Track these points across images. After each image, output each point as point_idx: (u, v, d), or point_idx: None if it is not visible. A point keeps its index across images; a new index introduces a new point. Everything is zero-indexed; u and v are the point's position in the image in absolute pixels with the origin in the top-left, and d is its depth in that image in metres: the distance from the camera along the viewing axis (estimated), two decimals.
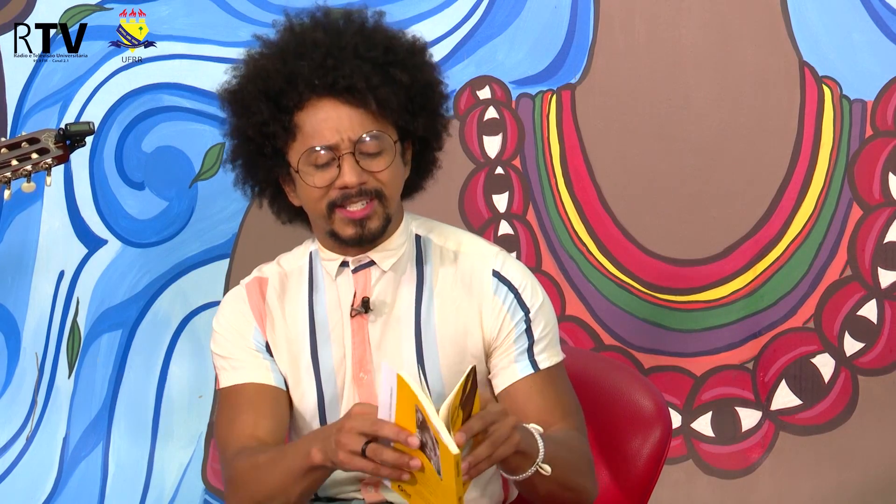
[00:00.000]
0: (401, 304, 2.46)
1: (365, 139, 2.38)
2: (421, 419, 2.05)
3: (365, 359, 2.45)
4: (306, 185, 2.39)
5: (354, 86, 2.37)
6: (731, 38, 3.46)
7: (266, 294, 2.50)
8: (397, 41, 2.45)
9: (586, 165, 3.51)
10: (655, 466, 2.61)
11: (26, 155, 2.66)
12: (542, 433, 2.29)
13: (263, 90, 2.39)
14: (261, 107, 2.39)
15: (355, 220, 2.39)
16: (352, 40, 2.41)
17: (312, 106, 2.38)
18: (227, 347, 2.49)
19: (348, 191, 2.37)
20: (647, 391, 2.66)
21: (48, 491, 3.55)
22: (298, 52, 2.40)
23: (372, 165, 2.38)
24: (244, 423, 2.42)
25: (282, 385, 2.47)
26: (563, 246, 3.52)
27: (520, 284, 2.46)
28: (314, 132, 2.38)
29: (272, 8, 3.49)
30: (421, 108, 2.43)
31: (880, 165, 3.46)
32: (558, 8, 3.49)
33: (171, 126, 3.53)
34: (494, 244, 2.52)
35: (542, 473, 2.26)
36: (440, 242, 2.50)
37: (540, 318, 2.46)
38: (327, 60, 2.37)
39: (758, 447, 3.50)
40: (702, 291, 3.51)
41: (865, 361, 3.48)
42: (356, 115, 2.38)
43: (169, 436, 3.56)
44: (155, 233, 3.54)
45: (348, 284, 2.46)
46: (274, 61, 2.41)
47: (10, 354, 3.53)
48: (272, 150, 2.41)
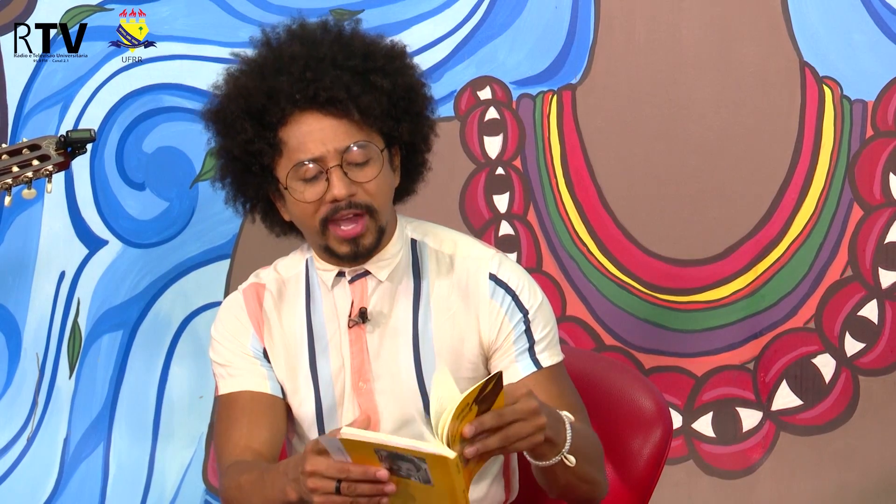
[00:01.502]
0: (398, 313, 2.45)
1: (352, 149, 2.36)
2: (385, 454, 2.04)
3: (364, 368, 2.44)
4: (296, 202, 2.38)
5: (335, 97, 2.35)
6: (731, 38, 3.46)
7: (263, 300, 2.49)
8: (375, 47, 2.44)
9: (587, 166, 3.51)
10: (656, 467, 2.61)
11: (27, 161, 2.66)
12: (572, 422, 2.27)
13: (245, 109, 2.38)
14: (244, 125, 2.38)
15: (348, 239, 2.38)
16: (329, 51, 2.39)
17: (295, 121, 2.37)
18: (225, 355, 2.49)
19: (338, 204, 2.36)
20: (647, 392, 2.66)
21: (49, 491, 3.55)
22: (277, 68, 2.38)
23: (360, 176, 2.37)
24: (239, 433, 2.42)
25: (278, 393, 2.46)
26: (564, 246, 3.52)
27: (517, 286, 2.45)
28: (299, 146, 2.36)
29: (272, 8, 3.49)
30: (405, 112, 2.42)
31: (881, 166, 3.46)
32: (559, 8, 3.49)
33: (172, 127, 3.53)
34: (490, 246, 2.51)
35: (565, 463, 2.25)
36: (435, 246, 2.49)
37: (539, 319, 2.45)
38: (306, 73, 2.36)
39: (758, 447, 3.50)
40: (702, 292, 3.50)
41: (866, 362, 3.48)
42: (340, 126, 2.37)
43: (170, 436, 3.55)
44: (156, 233, 3.54)
45: (345, 294, 2.45)
46: (253, 78, 2.39)
47: (10, 355, 3.53)
48: (259, 168, 2.40)
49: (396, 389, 2.44)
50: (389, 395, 2.44)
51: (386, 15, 3.46)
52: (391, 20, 3.44)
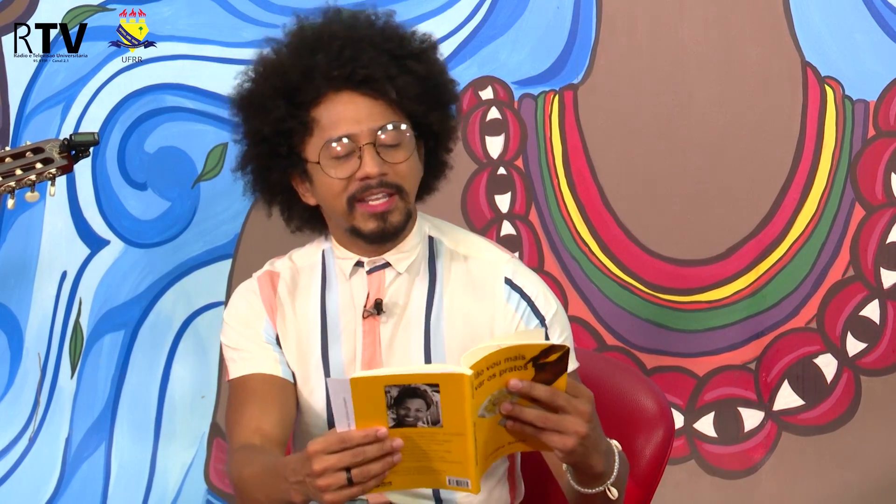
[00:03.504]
0: (412, 307, 2.45)
1: (387, 128, 2.37)
2: (396, 392, 2.00)
3: (375, 359, 2.44)
4: (327, 178, 2.38)
5: (373, 76, 2.36)
6: (733, 38, 3.46)
7: (277, 288, 2.49)
8: (411, 35, 2.46)
9: (588, 166, 3.51)
10: (658, 467, 2.60)
11: (30, 165, 2.66)
12: (620, 452, 2.24)
13: (279, 87, 2.38)
14: (277, 103, 2.38)
15: (377, 214, 2.38)
16: (367, 32, 2.41)
17: (329, 100, 2.38)
18: (237, 339, 2.48)
19: (369, 181, 2.36)
20: (649, 392, 2.65)
21: (51, 491, 3.55)
22: (313, 47, 2.39)
23: (391, 157, 2.37)
24: (250, 415, 2.41)
25: (289, 377, 2.46)
26: (566, 246, 3.52)
27: (533, 293, 2.45)
28: (332, 124, 2.37)
29: (274, 8, 3.49)
30: (436, 101, 2.43)
31: (883, 166, 3.46)
32: (561, 8, 3.49)
33: (174, 126, 3.53)
34: (505, 250, 2.51)
35: (607, 495, 2.21)
36: (451, 246, 2.49)
37: (556, 326, 2.45)
38: (344, 52, 2.37)
39: (760, 447, 3.50)
40: (704, 292, 3.51)
41: (868, 362, 3.48)
42: (375, 106, 2.37)
43: (171, 436, 3.55)
44: (157, 233, 3.54)
45: (362, 285, 2.46)
46: (289, 57, 2.40)
47: (12, 355, 3.53)
48: (287, 150, 2.40)
49: None
50: None
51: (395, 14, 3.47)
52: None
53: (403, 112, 2.40)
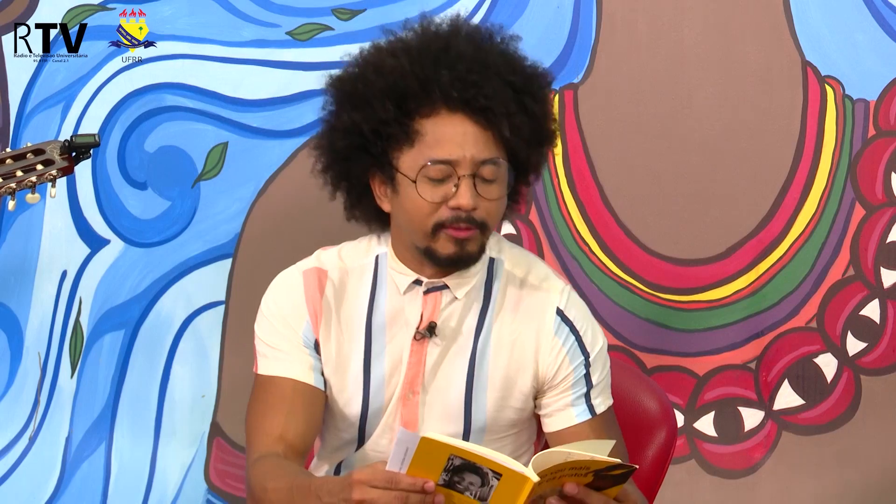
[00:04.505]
0: (462, 332, 2.40)
1: (491, 162, 2.31)
2: (459, 462, 2.00)
3: (417, 379, 2.39)
4: (418, 198, 2.31)
5: (492, 107, 2.29)
6: (733, 37, 3.46)
7: (325, 290, 2.41)
8: (534, 69, 2.39)
9: (589, 165, 3.51)
10: (661, 467, 2.60)
11: (31, 166, 2.65)
12: None
13: (391, 89, 2.31)
14: (386, 105, 2.30)
15: (458, 240, 2.31)
16: (496, 60, 2.34)
17: (441, 117, 2.30)
18: (273, 336, 2.40)
19: (459, 213, 2.30)
20: (652, 392, 2.65)
21: (51, 491, 3.55)
22: (437, 58, 2.32)
23: (486, 192, 2.31)
24: (274, 421, 2.35)
25: (321, 386, 2.39)
26: (566, 245, 3.52)
27: (581, 327, 2.42)
28: (436, 143, 2.30)
29: (275, 8, 3.49)
30: (539, 142, 2.37)
31: (883, 165, 3.46)
32: (560, 8, 3.49)
33: (174, 126, 3.52)
34: (561, 275, 2.47)
35: None
36: (510, 267, 2.44)
37: (599, 364, 2.43)
38: (471, 75, 2.30)
39: (760, 447, 3.51)
40: (704, 291, 3.51)
41: (868, 361, 3.48)
42: (483, 137, 2.31)
43: (172, 436, 3.55)
44: (157, 233, 3.54)
45: (416, 303, 2.39)
46: (410, 63, 2.32)
47: (12, 354, 3.53)
48: (380, 151, 2.33)
49: (442, 405, 2.40)
50: (433, 410, 2.40)
51: (387, 14, 3.46)
52: (392, 20, 3.43)
53: (507, 148, 2.33)
